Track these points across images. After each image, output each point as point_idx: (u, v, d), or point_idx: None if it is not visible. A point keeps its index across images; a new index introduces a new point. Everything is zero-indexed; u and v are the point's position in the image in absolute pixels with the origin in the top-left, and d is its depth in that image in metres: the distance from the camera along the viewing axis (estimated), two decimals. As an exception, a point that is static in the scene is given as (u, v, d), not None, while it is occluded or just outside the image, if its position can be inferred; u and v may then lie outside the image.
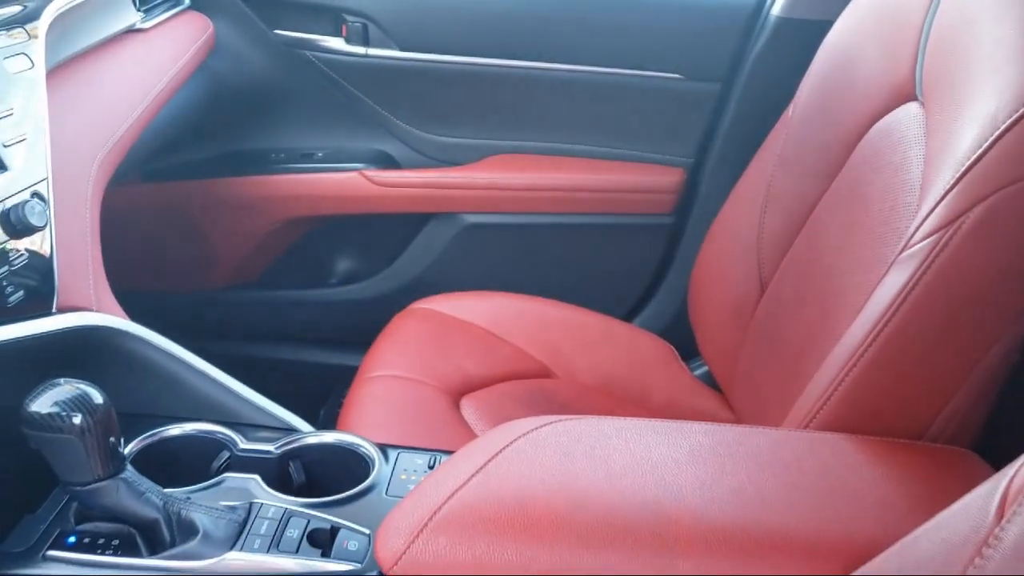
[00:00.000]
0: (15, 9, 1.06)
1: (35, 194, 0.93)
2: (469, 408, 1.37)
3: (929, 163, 1.02)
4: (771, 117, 1.47)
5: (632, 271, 1.83)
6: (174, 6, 1.54)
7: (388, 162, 1.80)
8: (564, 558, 0.78)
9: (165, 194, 1.76)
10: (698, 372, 1.62)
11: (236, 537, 0.82)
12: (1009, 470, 0.61)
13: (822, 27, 1.41)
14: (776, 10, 1.63)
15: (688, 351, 1.59)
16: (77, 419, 0.77)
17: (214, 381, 1.01)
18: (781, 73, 1.54)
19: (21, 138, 0.94)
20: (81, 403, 0.77)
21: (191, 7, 1.59)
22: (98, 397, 0.79)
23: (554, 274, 1.80)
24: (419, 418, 1.29)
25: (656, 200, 1.77)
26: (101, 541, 0.82)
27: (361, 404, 1.30)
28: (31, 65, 1.01)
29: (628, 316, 1.83)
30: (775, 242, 1.39)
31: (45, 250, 0.93)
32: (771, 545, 0.79)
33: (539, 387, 1.48)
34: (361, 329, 1.58)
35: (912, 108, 1.13)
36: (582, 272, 1.82)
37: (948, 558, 0.62)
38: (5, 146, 0.92)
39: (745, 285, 1.43)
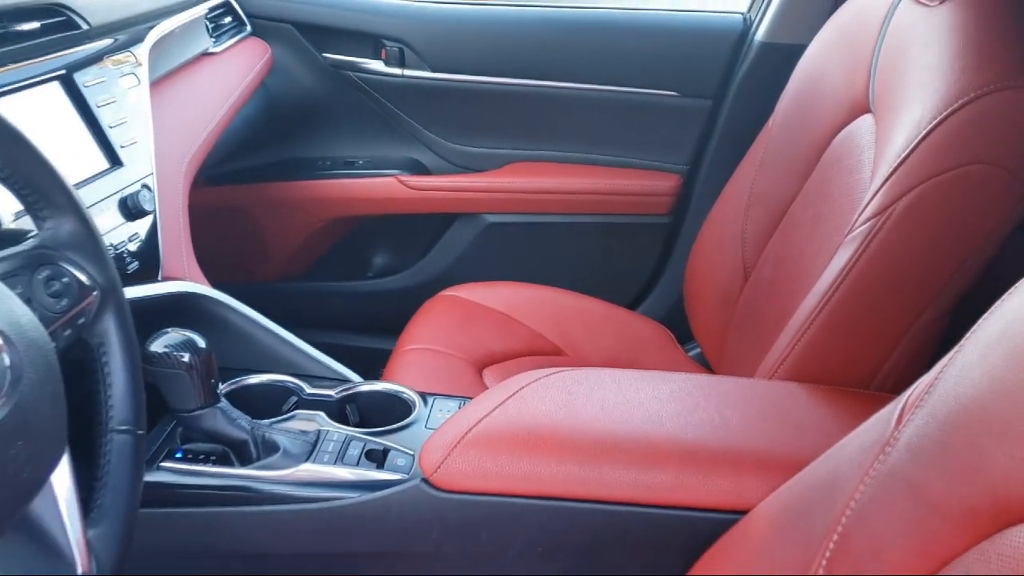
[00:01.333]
0: (123, 37, 1.25)
1: (144, 186, 1.12)
2: (490, 377, 1.53)
3: (875, 164, 1.19)
4: (755, 129, 1.61)
5: (634, 265, 1.97)
6: (238, 33, 1.73)
7: (420, 169, 1.95)
8: (566, 469, 0.96)
9: (226, 196, 1.92)
10: (692, 353, 1.75)
11: (308, 454, 1.00)
12: (909, 391, 0.78)
13: (798, 50, 1.55)
14: (759, 36, 1.77)
15: (684, 335, 1.72)
16: (186, 357, 0.95)
17: (283, 340, 1.20)
18: (763, 90, 1.67)
19: (133, 141, 1.14)
20: (189, 346, 0.95)
21: (252, 34, 1.78)
22: (201, 342, 0.97)
23: (565, 267, 1.94)
24: (448, 381, 1.45)
25: (655, 202, 1.91)
26: (201, 456, 1.00)
27: (400, 369, 1.46)
28: (138, 83, 1.20)
29: (631, 305, 1.96)
30: (756, 236, 1.53)
31: (153, 231, 1.12)
32: (730, 461, 0.96)
33: (551, 362, 1.61)
34: (395, 317, 1.71)
35: (867, 119, 1.30)
36: (589, 265, 1.95)
37: (861, 457, 0.78)
38: (122, 147, 1.11)
39: (731, 275, 1.57)
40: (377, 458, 1.01)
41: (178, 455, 1.00)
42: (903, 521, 0.72)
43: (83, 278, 0.73)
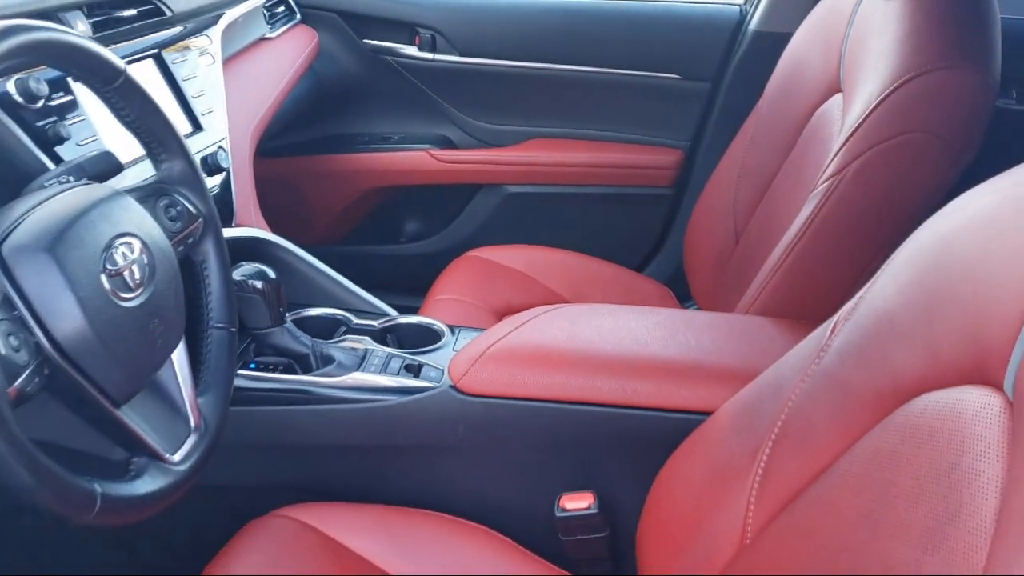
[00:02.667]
0: (199, 22, 1.45)
1: (220, 147, 1.33)
2: (509, 324, 1.72)
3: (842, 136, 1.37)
4: (748, 108, 1.76)
5: (640, 231, 2.14)
6: (289, 20, 1.93)
7: (448, 144, 2.13)
8: (566, 379, 1.15)
9: (276, 168, 2.10)
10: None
11: (358, 366, 1.20)
12: (842, 310, 0.96)
13: (786, 38, 1.71)
14: (753, 25, 1.94)
15: (684, 295, 1.88)
16: (259, 284, 1.15)
17: (335, 280, 1.40)
18: (756, 74, 1.81)
19: (210, 110, 1.34)
20: (262, 275, 1.15)
21: (302, 21, 1.98)
22: (271, 273, 1.17)
23: (577, 233, 2.11)
24: (471, 324, 1.64)
25: (659, 175, 2.08)
26: (271, 367, 1.20)
27: (429, 313, 1.66)
28: (213, 61, 1.41)
29: (638, 267, 2.12)
30: (746, 205, 1.69)
31: (227, 185, 1.32)
32: (701, 373, 1.16)
33: (562, 314, 1.81)
34: (425, 278, 1.86)
35: (837, 97, 1.47)
36: (600, 231, 2.12)
37: (802, 363, 0.97)
38: (202, 114, 1.32)
39: (724, 239, 1.74)
40: (414, 370, 1.21)
41: (252, 366, 1.20)
42: (829, 408, 0.91)
43: (191, 208, 0.93)
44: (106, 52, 0.82)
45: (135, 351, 0.77)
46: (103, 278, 0.74)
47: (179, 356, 0.88)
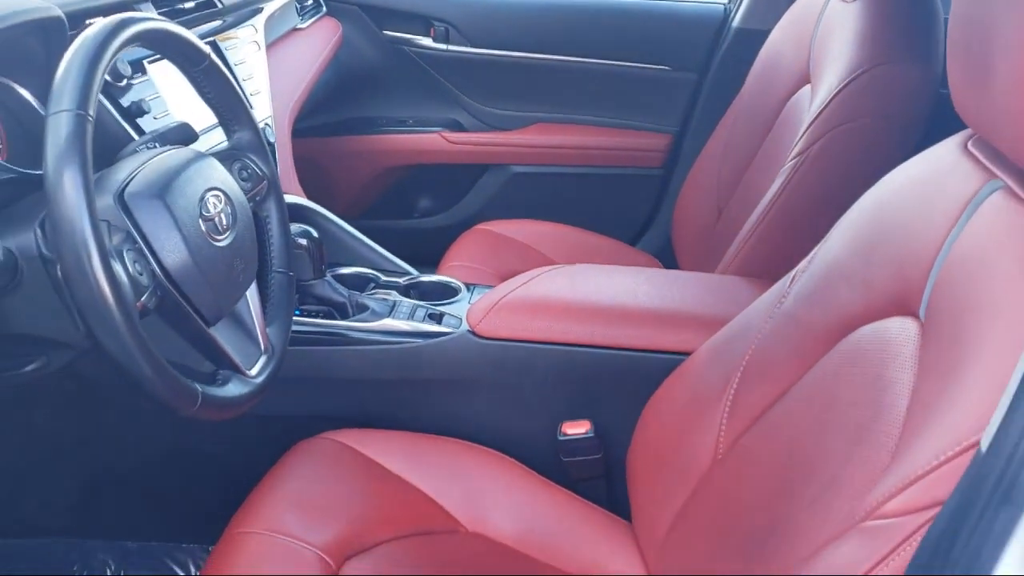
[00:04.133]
0: (244, 13, 1.61)
1: (267, 124, 1.48)
2: (516, 287, 1.88)
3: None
4: (731, 97, 1.90)
5: (633, 207, 2.28)
6: (316, 13, 2.09)
7: (459, 127, 2.27)
8: (568, 325, 1.32)
9: (301, 147, 2.21)
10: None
11: (388, 314, 1.36)
12: (801, 263, 1.12)
13: (764, 34, 1.86)
14: (736, 22, 2.09)
15: (672, 265, 1.98)
16: (304, 241, 1.31)
17: (364, 243, 1.56)
18: (738, 66, 1.95)
19: (258, 91, 1.50)
20: (306, 234, 1.32)
21: (328, 14, 2.13)
22: (314, 232, 1.33)
23: (576, 209, 2.22)
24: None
25: (651, 157, 2.23)
26: (314, 313, 1.36)
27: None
28: (258, 48, 1.56)
29: (631, 241, 2.23)
30: (728, 184, 1.83)
31: (273, 157, 1.48)
32: (682, 320, 1.32)
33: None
34: (437, 249, 2.00)
35: (807, 88, 1.62)
36: (596, 208, 2.25)
37: (766, 307, 1.12)
38: (251, 95, 1.48)
39: (708, 214, 1.89)
40: (436, 318, 1.37)
41: (297, 312, 1.36)
42: (787, 343, 1.07)
43: (258, 171, 1.09)
44: (196, 39, 0.98)
45: (223, 282, 0.93)
46: (200, 222, 0.91)
47: (251, 293, 1.04)
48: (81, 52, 0.80)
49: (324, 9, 2.12)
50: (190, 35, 0.97)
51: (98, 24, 0.84)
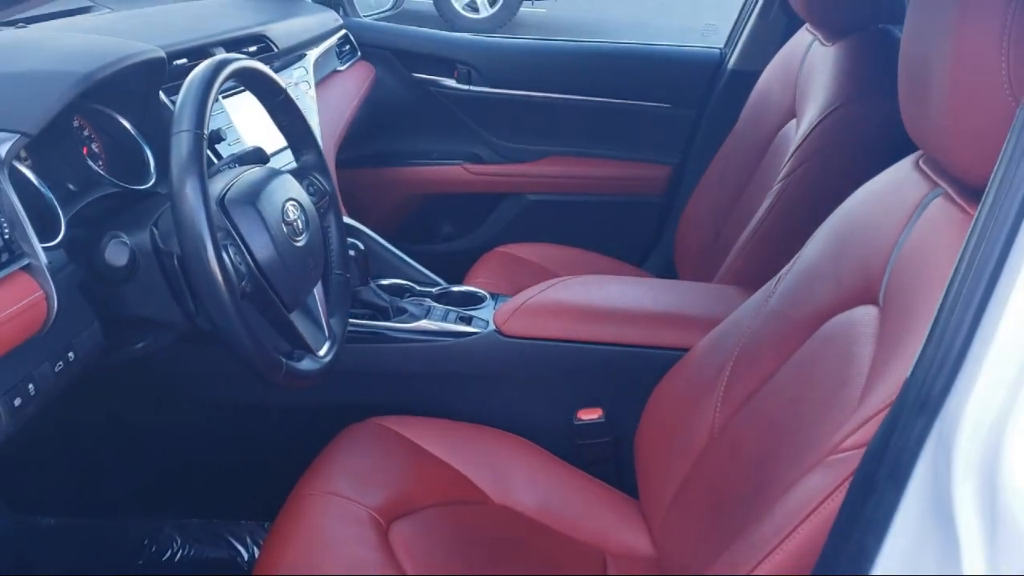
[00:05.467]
0: (295, 56, 1.79)
1: (317, 153, 1.66)
2: (532, 300, 2.04)
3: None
4: (726, 131, 2.06)
5: (638, 232, 2.42)
6: (353, 57, 2.27)
7: (479, 159, 2.43)
8: (582, 326, 1.48)
9: (338, 177, 2.42)
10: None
11: (424, 316, 1.53)
12: (786, 267, 1.29)
13: (756, 75, 2.03)
14: (730, 64, 2.26)
15: None
16: (353, 253, 1.48)
17: (401, 258, 1.73)
18: (733, 103, 2.12)
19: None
20: (355, 247, 1.49)
21: (362, 58, 2.32)
22: (361, 246, 1.50)
23: (586, 233, 2.35)
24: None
25: (654, 186, 2.38)
26: (360, 315, 1.52)
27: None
28: (309, 87, 1.75)
29: (637, 262, 2.37)
30: (724, 208, 1.98)
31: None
32: (682, 321, 1.49)
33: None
34: (458, 272, 2.11)
35: (793, 122, 1.80)
36: (604, 232, 2.40)
37: (755, 306, 1.28)
38: (305, 127, 1.65)
39: (706, 237, 2.04)
40: (466, 320, 1.54)
41: (345, 314, 1.53)
42: (771, 336, 1.23)
43: (322, 187, 1.27)
44: (276, 76, 1.16)
45: (300, 276, 1.10)
46: (282, 225, 1.08)
47: (317, 289, 1.21)
48: (195, 85, 0.98)
49: (359, 54, 2.30)
50: (272, 73, 1.15)
51: (206, 63, 1.02)
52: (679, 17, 6.59)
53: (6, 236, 0.91)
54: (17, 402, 0.88)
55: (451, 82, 2.40)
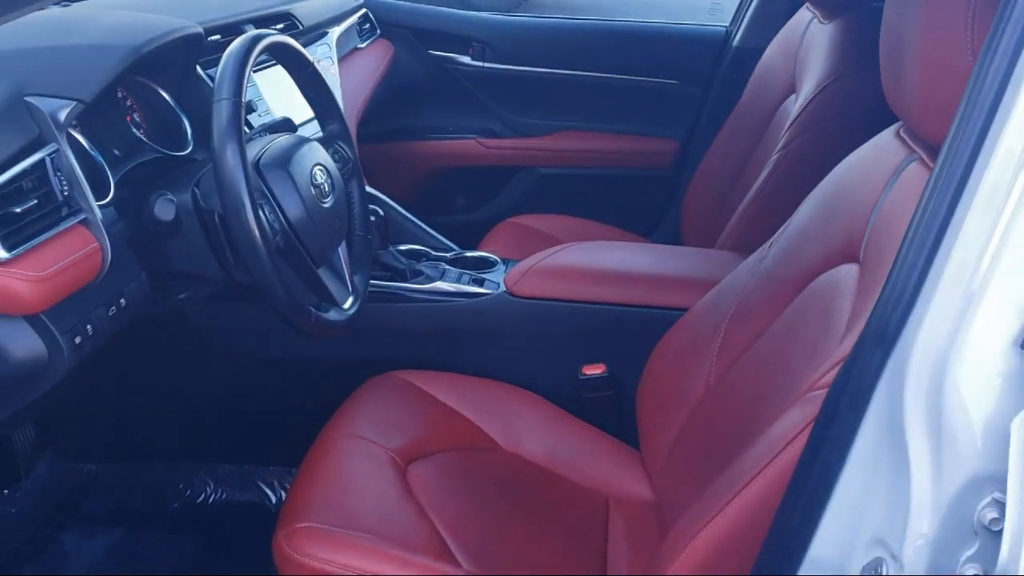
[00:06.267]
0: (320, 33, 1.87)
1: (340, 125, 1.75)
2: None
3: (791, 123, 1.77)
4: (731, 107, 2.12)
5: (645, 204, 2.48)
6: (372, 35, 2.35)
7: (492, 134, 2.50)
8: (588, 287, 1.57)
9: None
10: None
11: (439, 278, 1.62)
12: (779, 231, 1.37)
13: (760, 52, 2.10)
14: (736, 41, 2.32)
15: None
16: (373, 218, 1.57)
17: (416, 224, 1.82)
18: (737, 79, 2.18)
19: (333, 98, 1.76)
20: (375, 212, 1.57)
21: (382, 35, 2.39)
22: (381, 212, 1.59)
23: (595, 205, 2.41)
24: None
25: (661, 159, 2.45)
26: (379, 277, 1.61)
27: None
28: (332, 63, 1.84)
29: (645, 234, 2.39)
30: (728, 179, 2.05)
31: (345, 151, 1.74)
32: (682, 283, 1.57)
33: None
34: (474, 241, 2.16)
35: (793, 96, 1.88)
36: (613, 204, 2.46)
37: (749, 267, 1.36)
38: (329, 101, 1.74)
39: (711, 208, 2.09)
40: (478, 282, 1.63)
41: (366, 276, 1.62)
42: (764, 295, 1.31)
43: (346, 155, 1.36)
44: (305, 51, 1.25)
45: (327, 234, 1.19)
46: (311, 187, 1.17)
47: (342, 248, 1.30)
48: (233, 57, 1.07)
49: (379, 32, 2.38)
50: (301, 48, 1.24)
51: (242, 37, 1.11)
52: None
53: (65, 193, 1.00)
54: (77, 340, 0.98)
55: (466, 59, 2.47)
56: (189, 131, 1.34)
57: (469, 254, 1.78)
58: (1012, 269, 0.69)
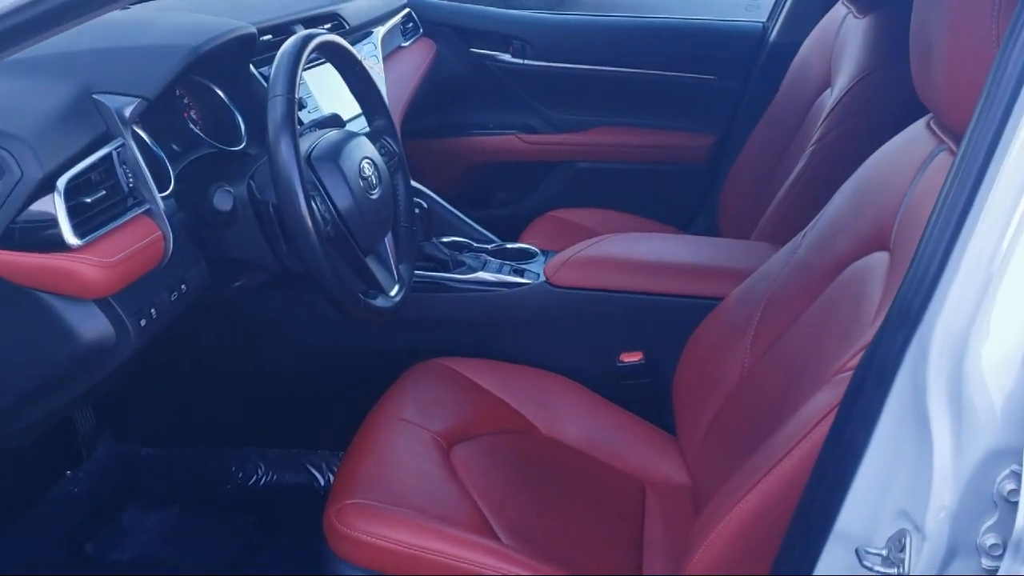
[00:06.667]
0: (365, 32, 1.93)
1: (386, 121, 1.80)
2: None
3: (829, 117, 1.79)
4: (767, 101, 2.14)
5: (682, 198, 2.51)
6: (416, 33, 2.40)
7: (532, 129, 2.55)
8: (623, 277, 1.61)
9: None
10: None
11: (481, 268, 1.66)
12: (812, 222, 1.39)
13: (796, 47, 2.11)
14: (772, 37, 2.34)
15: None
16: (418, 211, 1.62)
17: (459, 217, 1.87)
18: (774, 74, 2.19)
19: (379, 96, 1.82)
20: (419, 205, 1.63)
21: (425, 34, 2.45)
22: (425, 204, 1.64)
23: (632, 199, 2.44)
24: None
25: (698, 154, 2.47)
26: (423, 267, 1.66)
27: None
28: (378, 60, 1.89)
29: (682, 227, 2.42)
30: (765, 175, 2.07)
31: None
32: (716, 273, 1.60)
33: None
34: (514, 234, 2.18)
35: (828, 91, 1.90)
36: (651, 198, 2.48)
37: (783, 257, 1.39)
38: (375, 99, 1.79)
39: (748, 203, 2.10)
40: (519, 272, 1.67)
41: (409, 266, 1.67)
42: (796, 284, 1.34)
43: (392, 149, 1.41)
44: (353, 49, 1.30)
45: (374, 224, 1.25)
46: (360, 180, 1.22)
47: (388, 239, 1.36)
48: (286, 56, 1.13)
49: (421, 30, 2.43)
50: (350, 46, 1.29)
51: (295, 37, 1.16)
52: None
53: (130, 185, 1.06)
54: (142, 323, 1.04)
55: (507, 56, 2.52)
56: (243, 127, 1.40)
57: (510, 246, 1.82)
58: (1031, 251, 0.72)
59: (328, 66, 1.48)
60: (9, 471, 1.61)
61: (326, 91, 1.59)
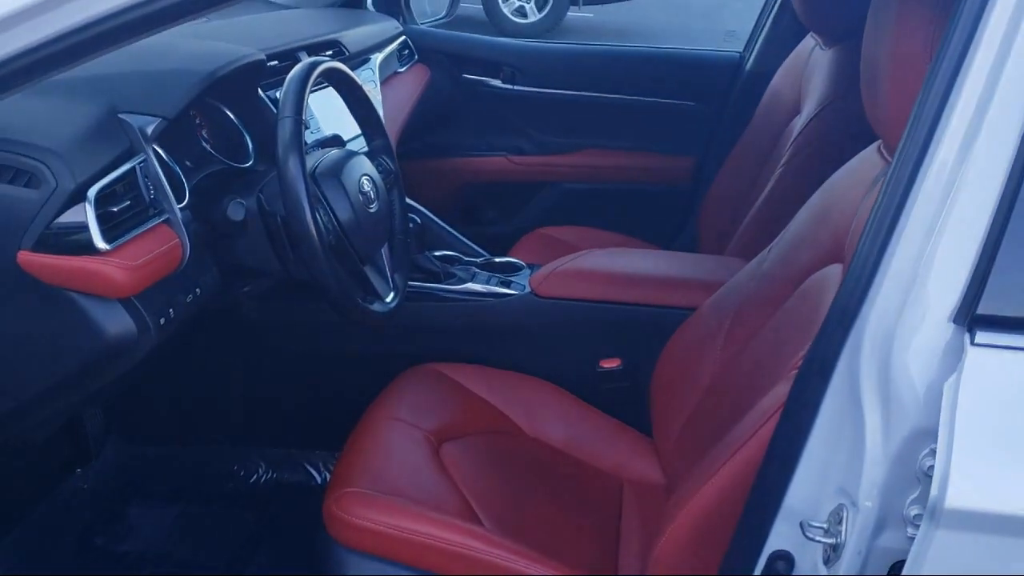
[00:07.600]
0: (364, 59, 2.04)
1: (383, 141, 1.90)
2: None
3: (798, 142, 1.90)
4: (743, 126, 2.24)
5: (664, 218, 2.59)
6: (411, 60, 2.51)
7: (521, 151, 2.64)
8: (606, 288, 1.70)
9: None
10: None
11: (470, 280, 1.75)
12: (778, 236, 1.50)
13: (770, 76, 2.22)
14: (748, 66, 2.45)
15: None
16: (411, 224, 1.72)
17: (449, 232, 1.97)
18: (749, 101, 2.30)
19: (376, 117, 1.92)
20: (412, 220, 1.73)
21: (419, 60, 2.55)
22: (418, 219, 1.74)
23: (616, 218, 2.50)
24: None
25: (678, 176, 2.57)
26: (415, 278, 1.75)
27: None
28: (375, 85, 1.99)
29: (664, 245, 2.42)
30: (740, 195, 2.16)
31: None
32: (692, 284, 1.69)
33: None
34: (503, 250, 2.20)
35: (798, 117, 2.01)
36: (634, 218, 2.56)
37: (751, 270, 1.50)
38: (372, 120, 1.89)
39: (725, 220, 2.20)
40: (506, 284, 1.77)
41: (402, 278, 1.76)
42: (763, 294, 1.44)
43: (389, 167, 1.51)
44: (354, 75, 1.40)
45: (372, 236, 1.34)
46: (359, 195, 1.32)
47: (384, 250, 1.45)
48: (295, 80, 1.23)
49: (416, 57, 2.54)
50: (352, 73, 1.39)
51: (302, 64, 1.27)
52: (722, 22, 6.64)
53: (152, 196, 1.16)
54: (162, 321, 1.13)
55: (497, 82, 2.62)
56: (251, 145, 1.50)
57: (498, 259, 1.91)
58: (949, 255, 0.82)
59: (330, 90, 1.57)
60: (23, 468, 1.69)
61: (328, 113, 1.69)
